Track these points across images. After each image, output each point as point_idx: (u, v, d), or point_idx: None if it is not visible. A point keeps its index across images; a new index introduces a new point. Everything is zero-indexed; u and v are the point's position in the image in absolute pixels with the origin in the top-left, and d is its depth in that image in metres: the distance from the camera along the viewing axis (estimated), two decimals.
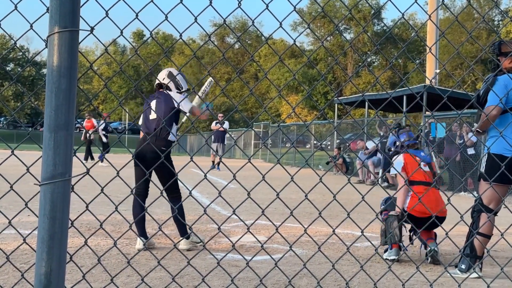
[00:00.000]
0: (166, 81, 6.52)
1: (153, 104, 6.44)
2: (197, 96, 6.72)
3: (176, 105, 6.21)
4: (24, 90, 2.94)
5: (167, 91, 6.43)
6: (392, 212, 6.18)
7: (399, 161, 6.42)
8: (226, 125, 22.66)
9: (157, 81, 6.65)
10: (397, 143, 6.63)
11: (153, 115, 6.43)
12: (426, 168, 6.38)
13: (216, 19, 69.59)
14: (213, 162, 23.03)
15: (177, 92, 6.53)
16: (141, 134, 6.65)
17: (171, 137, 6.27)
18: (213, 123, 23.55)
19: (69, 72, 2.08)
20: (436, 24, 5.40)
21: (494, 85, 5.45)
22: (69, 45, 2.08)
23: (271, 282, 4.99)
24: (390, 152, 6.79)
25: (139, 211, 6.07)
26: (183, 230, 6.38)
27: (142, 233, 6.27)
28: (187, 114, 6.41)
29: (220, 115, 23.43)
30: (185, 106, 6.35)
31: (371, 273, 5.52)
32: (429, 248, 6.18)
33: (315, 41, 69.41)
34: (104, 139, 24.14)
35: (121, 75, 75.60)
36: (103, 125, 24.45)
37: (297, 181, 2.79)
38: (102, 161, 21.05)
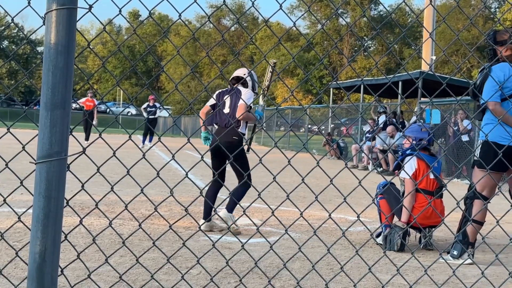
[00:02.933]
0: (247, 77, 6.92)
1: (227, 98, 6.82)
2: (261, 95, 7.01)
3: (245, 102, 6.58)
4: (20, 68, 2.90)
5: (241, 87, 6.82)
6: (398, 223, 6.08)
7: (411, 165, 6.15)
8: None
9: (234, 75, 7.07)
10: (423, 142, 6.21)
11: (226, 109, 6.77)
12: (432, 176, 6.11)
13: (213, 1, 69.31)
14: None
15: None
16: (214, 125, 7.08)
17: (241, 129, 6.71)
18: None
19: (67, 50, 2.05)
20: (434, 9, 5.38)
21: (488, 76, 5.45)
22: (67, 23, 2.05)
23: (264, 265, 5.00)
24: (408, 149, 6.40)
25: (211, 194, 6.60)
26: (231, 207, 6.64)
27: (206, 215, 6.64)
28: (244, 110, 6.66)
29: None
30: (248, 102, 6.67)
31: (363, 257, 5.53)
32: (423, 233, 6.18)
33: (311, 25, 69.18)
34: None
35: (116, 55, 75.27)
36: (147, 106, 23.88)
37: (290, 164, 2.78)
38: (150, 141, 22.25)
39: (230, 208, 6.63)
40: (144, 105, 24.19)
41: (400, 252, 5.99)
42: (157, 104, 23.54)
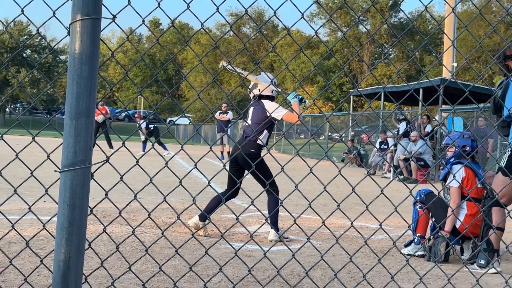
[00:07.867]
0: (268, 91, 6.94)
1: (250, 111, 7.05)
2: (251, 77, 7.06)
3: (268, 114, 6.77)
4: (44, 77, 2.94)
5: (263, 100, 6.92)
6: (442, 233, 5.92)
7: (460, 172, 6.03)
8: (230, 115, 22.76)
9: (257, 91, 6.98)
10: (467, 148, 6.15)
11: (249, 122, 6.99)
12: (479, 185, 6.04)
13: (233, 9, 69.50)
14: (222, 152, 23.34)
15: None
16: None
17: (259, 141, 6.81)
18: (217, 113, 23.53)
19: (91, 60, 2.08)
20: (457, 17, 5.38)
21: (508, 89, 5.44)
22: (91, 33, 2.08)
23: (285, 273, 4.99)
24: (452, 157, 6.27)
25: (219, 199, 6.58)
26: (274, 223, 6.68)
27: (203, 215, 6.68)
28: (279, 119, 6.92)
29: (224, 105, 23.48)
30: (277, 115, 6.82)
31: (385, 266, 5.50)
32: (473, 242, 6.05)
33: (331, 32, 69.17)
34: (142, 138, 24.15)
35: (137, 64, 75.77)
36: (144, 124, 24.41)
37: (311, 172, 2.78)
38: (166, 149, 22.36)
39: (274, 225, 6.68)
40: (142, 123, 25.03)
41: (444, 263, 5.91)
42: (144, 124, 24.26)
